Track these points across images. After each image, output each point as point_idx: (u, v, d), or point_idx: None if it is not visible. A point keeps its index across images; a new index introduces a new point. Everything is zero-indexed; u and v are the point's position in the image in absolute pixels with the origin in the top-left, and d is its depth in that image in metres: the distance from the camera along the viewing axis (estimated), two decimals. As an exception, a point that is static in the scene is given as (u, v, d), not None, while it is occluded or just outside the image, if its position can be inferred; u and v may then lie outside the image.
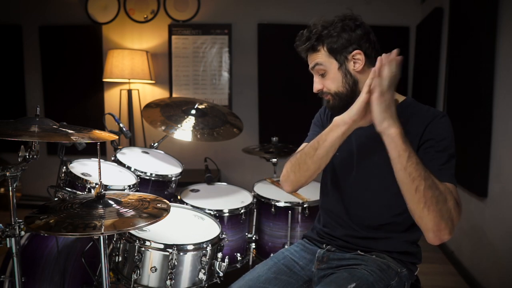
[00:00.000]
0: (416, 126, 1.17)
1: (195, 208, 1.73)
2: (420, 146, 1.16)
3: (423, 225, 1.02)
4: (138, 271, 1.31)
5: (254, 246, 1.91)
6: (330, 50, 1.23)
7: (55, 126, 1.17)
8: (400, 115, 1.20)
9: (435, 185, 1.01)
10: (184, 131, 1.95)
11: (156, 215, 1.11)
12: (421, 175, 1.00)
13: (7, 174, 1.11)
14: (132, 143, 3.60)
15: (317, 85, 1.29)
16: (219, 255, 1.41)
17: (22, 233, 1.16)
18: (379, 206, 1.24)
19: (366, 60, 1.22)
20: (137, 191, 1.68)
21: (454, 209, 1.01)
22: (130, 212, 1.11)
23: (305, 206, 1.92)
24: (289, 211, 1.90)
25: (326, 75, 1.26)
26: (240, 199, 1.94)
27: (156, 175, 1.81)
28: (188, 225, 1.56)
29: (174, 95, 3.88)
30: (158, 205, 1.20)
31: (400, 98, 1.28)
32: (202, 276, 1.36)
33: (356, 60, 1.23)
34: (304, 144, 1.43)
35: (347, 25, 1.22)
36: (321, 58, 1.25)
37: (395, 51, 1.13)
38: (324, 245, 1.34)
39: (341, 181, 1.32)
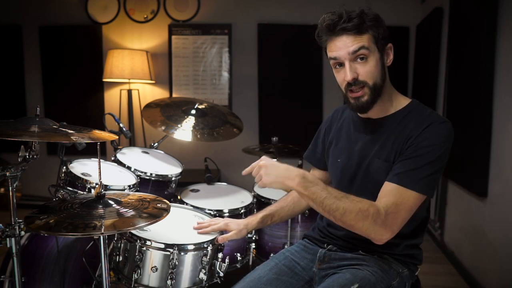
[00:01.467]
0: (413, 130, 1.16)
1: (195, 208, 1.73)
2: (407, 147, 1.14)
3: (358, 232, 1.10)
4: (139, 271, 1.31)
5: (254, 246, 1.90)
6: (375, 37, 1.16)
7: (55, 126, 1.17)
8: (402, 119, 1.21)
9: (349, 210, 1.05)
10: (184, 131, 1.95)
11: (156, 215, 1.11)
12: (325, 209, 1.07)
13: (7, 174, 1.11)
14: (132, 143, 3.60)
15: (352, 73, 1.14)
16: (220, 255, 1.41)
17: (22, 233, 1.16)
18: None
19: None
20: (137, 191, 1.68)
21: (376, 221, 1.05)
22: (130, 212, 1.11)
23: (305, 206, 1.91)
24: (289, 211, 1.89)
25: (368, 62, 1.15)
26: (240, 199, 1.94)
27: (156, 175, 1.81)
28: (188, 225, 1.55)
29: (174, 95, 3.89)
30: (158, 205, 1.20)
31: (406, 101, 1.25)
32: (202, 276, 1.36)
33: (389, 54, 1.22)
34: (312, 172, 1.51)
35: (381, 17, 1.19)
36: (367, 42, 1.14)
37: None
38: (325, 245, 1.34)
39: (345, 188, 1.31)
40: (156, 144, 2.14)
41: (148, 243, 1.31)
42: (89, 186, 1.54)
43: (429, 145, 1.11)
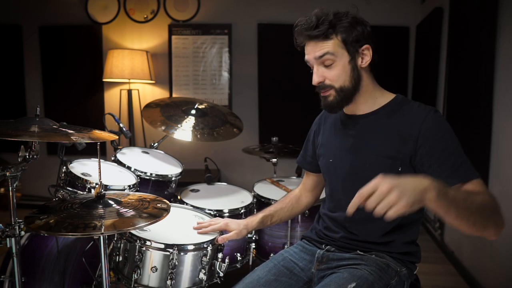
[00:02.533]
0: (409, 127, 1.17)
1: (195, 208, 1.73)
2: (418, 148, 1.14)
3: (485, 235, 0.98)
4: (139, 271, 1.31)
5: (254, 246, 1.91)
6: (344, 40, 1.17)
7: (55, 126, 1.17)
8: (391, 114, 1.22)
9: (481, 206, 0.96)
10: (184, 131, 1.95)
11: (156, 215, 1.12)
12: (471, 210, 0.92)
13: (7, 174, 1.12)
14: (132, 143, 3.60)
15: (318, 77, 1.20)
16: (220, 255, 1.41)
17: (22, 233, 1.16)
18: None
19: (372, 57, 1.21)
20: (137, 191, 1.68)
21: (497, 204, 1.01)
22: (130, 212, 1.11)
23: (305, 206, 1.91)
24: (289, 211, 1.89)
25: (334, 67, 1.19)
26: (240, 199, 1.94)
27: (156, 175, 1.81)
28: (188, 225, 1.56)
29: (174, 95, 3.89)
30: (158, 205, 1.20)
31: (390, 96, 1.27)
32: (202, 276, 1.36)
33: (365, 55, 1.20)
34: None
35: (360, 18, 1.19)
36: (333, 48, 1.17)
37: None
38: (323, 246, 1.34)
39: (341, 188, 1.31)
40: (156, 144, 2.14)
41: (148, 243, 1.31)
42: (89, 186, 1.54)
43: (445, 133, 1.13)
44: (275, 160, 2.33)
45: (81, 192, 1.51)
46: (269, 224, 1.51)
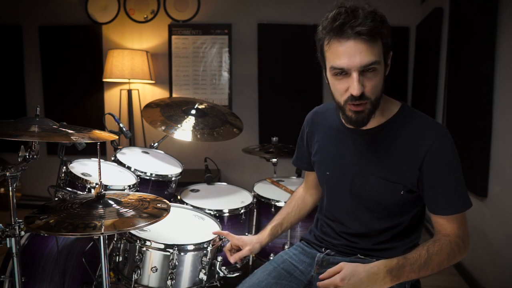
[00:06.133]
0: (414, 151, 1.10)
1: (195, 208, 1.73)
2: (420, 174, 1.10)
3: None
4: (139, 271, 1.31)
5: (254, 246, 1.90)
6: (384, 46, 1.00)
7: (55, 126, 1.17)
8: (396, 132, 1.14)
9: (440, 262, 1.08)
10: (184, 131, 1.95)
11: (156, 215, 1.12)
12: (431, 268, 1.07)
13: (7, 174, 1.12)
14: (132, 143, 3.60)
15: (360, 87, 1.00)
16: (219, 258, 1.41)
17: (22, 233, 1.16)
18: (379, 220, 1.21)
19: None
20: (137, 191, 1.68)
21: (461, 250, 1.11)
22: (130, 212, 1.11)
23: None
24: (289, 211, 1.89)
25: (374, 77, 1.01)
26: (240, 199, 1.94)
27: (156, 175, 1.81)
28: (188, 225, 1.56)
29: (174, 95, 3.89)
30: (158, 205, 1.20)
31: (395, 106, 1.16)
32: (202, 276, 1.36)
33: (388, 64, 1.07)
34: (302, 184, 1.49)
35: (387, 21, 1.02)
36: (379, 55, 0.99)
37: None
38: (323, 249, 1.32)
39: (338, 202, 1.28)
40: (156, 144, 2.14)
41: (148, 243, 1.31)
42: (89, 186, 1.54)
43: (449, 163, 1.09)
44: (275, 160, 2.33)
45: (80, 193, 1.51)
46: (281, 232, 1.46)
